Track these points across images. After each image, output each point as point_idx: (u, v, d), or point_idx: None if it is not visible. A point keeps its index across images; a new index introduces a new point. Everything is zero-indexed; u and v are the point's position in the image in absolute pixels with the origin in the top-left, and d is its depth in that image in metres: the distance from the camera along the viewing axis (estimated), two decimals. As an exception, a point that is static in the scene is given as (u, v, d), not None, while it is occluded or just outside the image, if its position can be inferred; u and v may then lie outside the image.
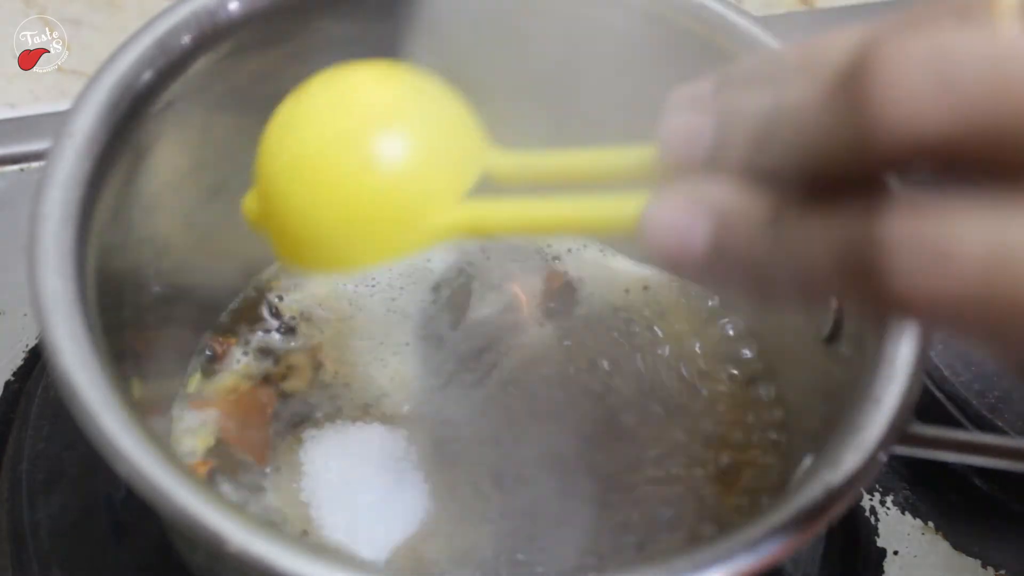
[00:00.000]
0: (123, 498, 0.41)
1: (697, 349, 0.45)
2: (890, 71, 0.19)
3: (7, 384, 0.47)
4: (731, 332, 0.46)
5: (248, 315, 0.45)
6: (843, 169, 0.21)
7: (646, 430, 0.43)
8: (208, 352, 0.43)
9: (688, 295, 0.47)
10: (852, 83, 0.20)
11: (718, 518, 0.40)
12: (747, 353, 0.45)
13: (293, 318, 0.45)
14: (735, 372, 0.45)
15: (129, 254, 0.36)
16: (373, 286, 0.46)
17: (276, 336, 0.44)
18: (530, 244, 0.48)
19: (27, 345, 0.48)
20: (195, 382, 0.43)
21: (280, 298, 0.45)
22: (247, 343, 0.44)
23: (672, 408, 0.43)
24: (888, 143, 0.20)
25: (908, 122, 0.19)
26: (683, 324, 0.46)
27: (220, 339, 0.44)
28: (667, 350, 0.45)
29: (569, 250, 0.48)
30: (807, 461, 0.35)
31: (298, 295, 0.46)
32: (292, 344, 0.44)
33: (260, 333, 0.44)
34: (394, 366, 0.44)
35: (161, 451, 0.28)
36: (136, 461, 0.27)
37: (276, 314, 0.45)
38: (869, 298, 0.21)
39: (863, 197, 0.21)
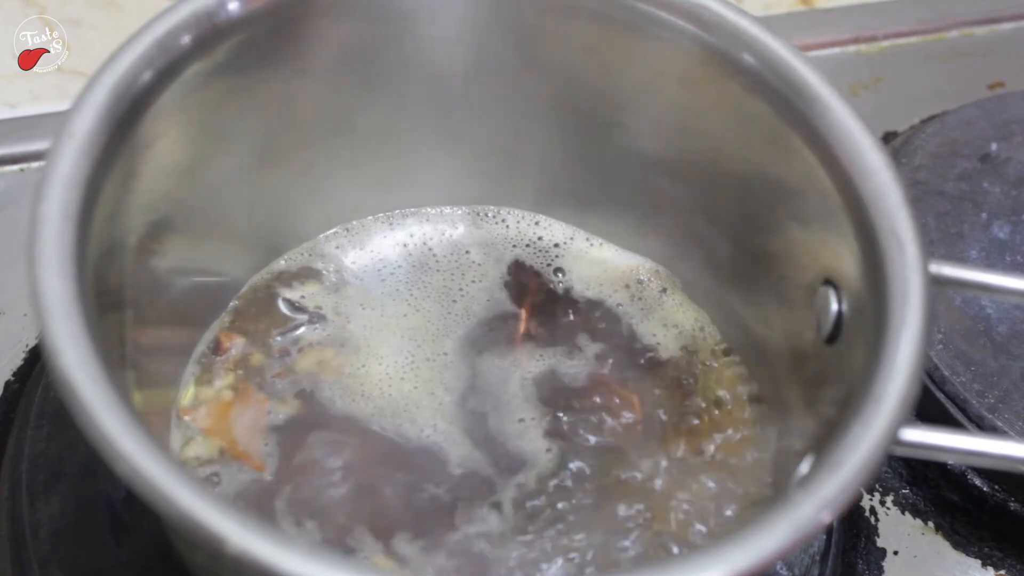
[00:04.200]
0: (123, 498, 0.41)
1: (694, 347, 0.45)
2: None
3: (7, 384, 0.47)
4: (730, 331, 0.46)
5: (248, 316, 0.45)
6: None
7: (641, 426, 0.43)
8: (208, 349, 0.43)
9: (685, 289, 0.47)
10: None
11: (709, 520, 0.40)
12: (746, 353, 0.45)
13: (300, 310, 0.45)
14: (732, 373, 0.45)
15: (129, 254, 0.36)
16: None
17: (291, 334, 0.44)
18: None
19: (27, 345, 0.48)
20: (189, 394, 0.42)
21: (276, 298, 0.45)
22: (251, 340, 0.44)
23: (664, 405, 0.43)
24: None
25: None
26: (679, 317, 0.46)
27: (226, 334, 0.43)
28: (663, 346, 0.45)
29: (560, 245, 0.48)
30: (807, 461, 0.35)
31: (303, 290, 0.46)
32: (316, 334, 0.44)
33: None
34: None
35: (161, 451, 0.28)
36: (136, 461, 0.27)
37: (297, 307, 0.45)
38: None
39: None
